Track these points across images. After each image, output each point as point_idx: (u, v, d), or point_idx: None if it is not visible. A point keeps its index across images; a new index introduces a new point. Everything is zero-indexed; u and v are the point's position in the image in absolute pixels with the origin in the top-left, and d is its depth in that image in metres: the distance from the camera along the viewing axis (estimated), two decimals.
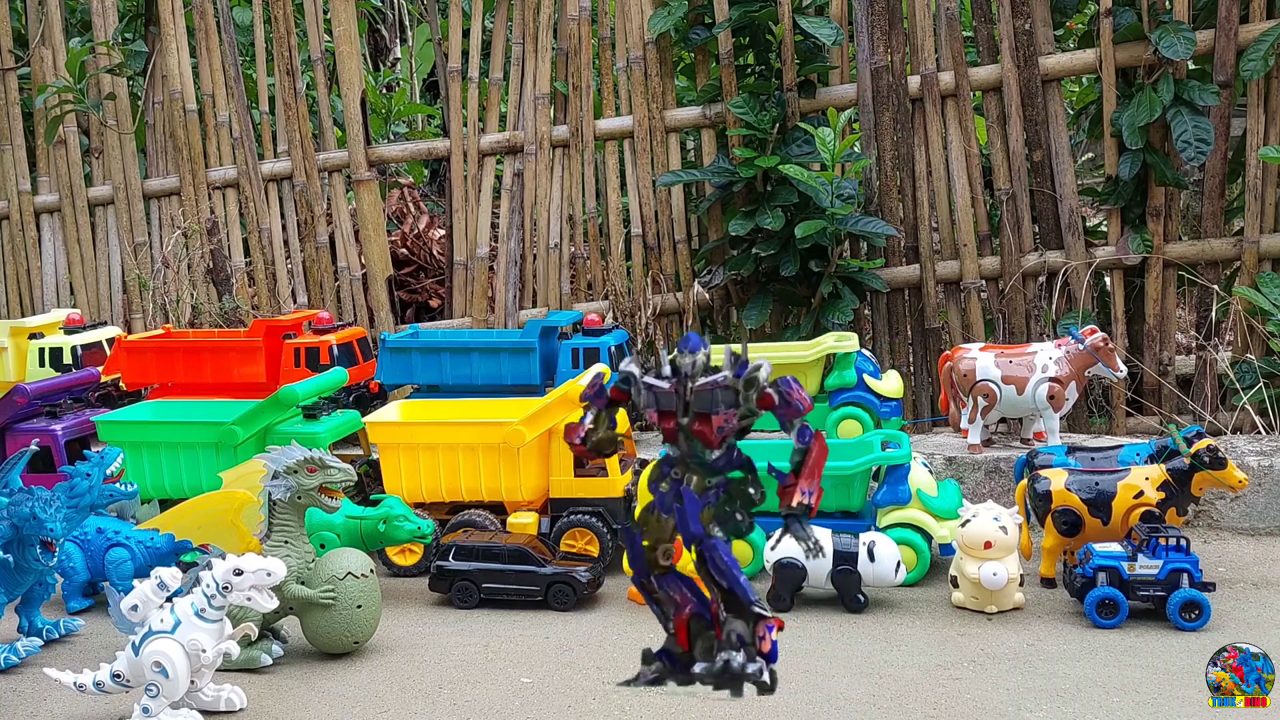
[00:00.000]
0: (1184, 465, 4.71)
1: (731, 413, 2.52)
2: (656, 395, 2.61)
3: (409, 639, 4.59)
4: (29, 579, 4.43)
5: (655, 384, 2.61)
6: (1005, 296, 6.89)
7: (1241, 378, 6.28)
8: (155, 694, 3.74)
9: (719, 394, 2.53)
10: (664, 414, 2.60)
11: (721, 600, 2.61)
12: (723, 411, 2.52)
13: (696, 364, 2.58)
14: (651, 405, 2.62)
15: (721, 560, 2.56)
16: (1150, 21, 6.41)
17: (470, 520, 5.28)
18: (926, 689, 3.95)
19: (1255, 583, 4.91)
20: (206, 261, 8.07)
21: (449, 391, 6.32)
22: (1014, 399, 5.73)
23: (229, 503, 4.72)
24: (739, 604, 2.59)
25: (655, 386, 2.61)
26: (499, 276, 7.78)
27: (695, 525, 2.56)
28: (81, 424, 5.89)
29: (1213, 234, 6.64)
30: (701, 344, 2.61)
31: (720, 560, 2.56)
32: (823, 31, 6.81)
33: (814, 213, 6.61)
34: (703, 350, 2.60)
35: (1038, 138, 6.83)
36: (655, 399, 2.61)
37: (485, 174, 7.86)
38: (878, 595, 4.80)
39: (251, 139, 8.16)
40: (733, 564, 2.58)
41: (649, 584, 2.69)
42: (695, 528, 2.56)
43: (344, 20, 7.97)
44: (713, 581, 2.61)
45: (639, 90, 7.45)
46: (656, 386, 2.61)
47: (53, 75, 8.44)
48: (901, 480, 4.99)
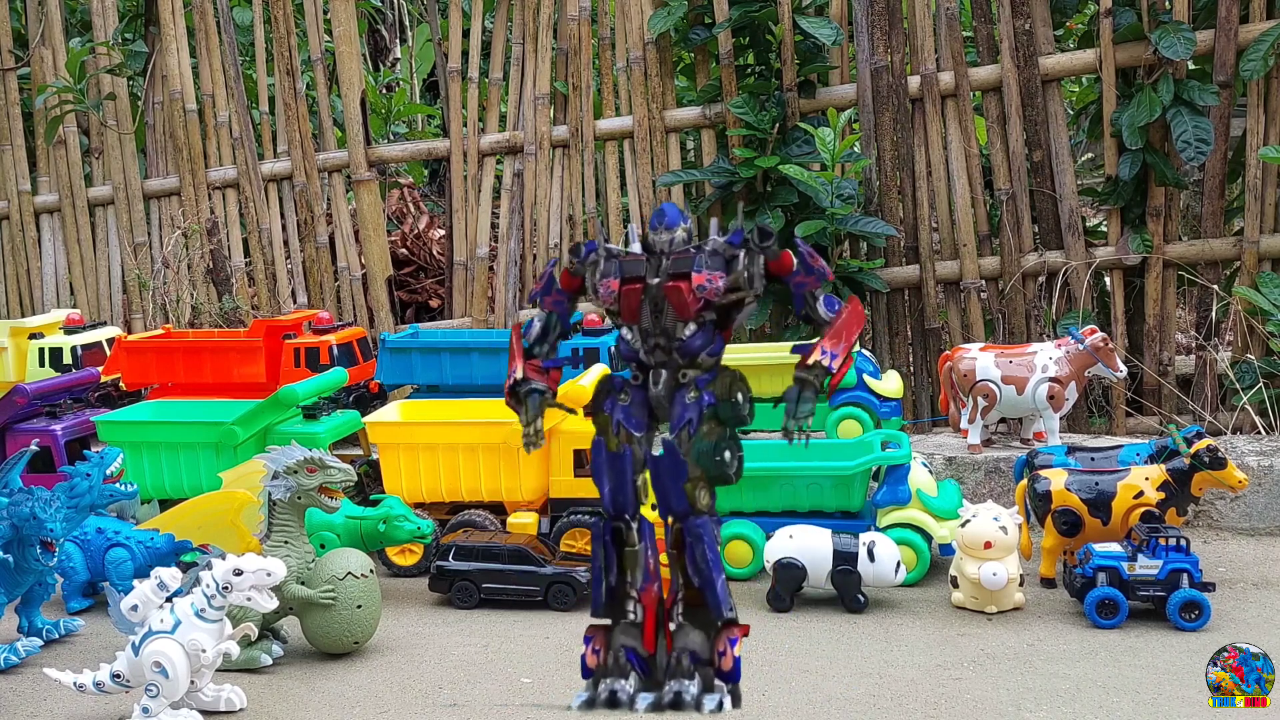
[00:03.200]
0: (1184, 465, 4.71)
1: (717, 274, 2.11)
2: (622, 263, 2.19)
3: (409, 639, 4.58)
4: (29, 579, 4.43)
5: (623, 252, 2.20)
6: (1005, 296, 6.89)
7: (1241, 378, 6.28)
8: (155, 694, 3.74)
9: (703, 257, 2.12)
10: (628, 282, 2.16)
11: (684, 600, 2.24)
12: (705, 270, 2.11)
13: (675, 241, 2.19)
14: (613, 274, 2.18)
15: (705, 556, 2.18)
16: (1150, 21, 6.40)
17: (470, 520, 5.28)
18: (926, 689, 3.95)
19: (1255, 583, 4.91)
20: (206, 261, 8.07)
21: (449, 391, 6.32)
22: (1014, 399, 5.73)
23: (229, 503, 4.72)
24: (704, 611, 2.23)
25: (623, 255, 2.20)
26: (499, 276, 7.78)
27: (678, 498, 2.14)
28: (81, 424, 5.88)
29: (1213, 234, 6.63)
30: (681, 217, 2.21)
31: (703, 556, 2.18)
32: (823, 31, 6.81)
33: (814, 213, 6.61)
34: (682, 225, 2.20)
35: (1038, 138, 6.83)
36: (619, 266, 2.19)
37: (485, 174, 7.86)
38: (878, 595, 4.80)
39: (251, 139, 8.16)
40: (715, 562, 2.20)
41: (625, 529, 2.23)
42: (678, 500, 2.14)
43: (344, 20, 7.97)
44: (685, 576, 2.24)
45: (639, 90, 7.45)
46: (625, 255, 2.20)
47: (53, 75, 8.44)
48: (901, 480, 4.99)
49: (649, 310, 2.10)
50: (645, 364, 2.12)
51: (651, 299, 2.09)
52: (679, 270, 2.07)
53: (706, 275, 2.06)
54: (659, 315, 2.10)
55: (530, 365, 2.40)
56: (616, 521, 2.22)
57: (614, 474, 2.19)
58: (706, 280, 2.05)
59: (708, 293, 2.06)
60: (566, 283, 2.32)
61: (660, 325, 2.10)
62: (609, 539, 2.25)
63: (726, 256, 2.11)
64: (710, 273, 2.05)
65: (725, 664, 2.19)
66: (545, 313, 2.39)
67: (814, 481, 5.08)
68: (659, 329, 2.10)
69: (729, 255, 2.11)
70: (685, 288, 2.06)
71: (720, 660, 2.19)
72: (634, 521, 2.20)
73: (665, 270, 2.10)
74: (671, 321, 2.09)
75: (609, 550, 2.26)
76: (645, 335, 2.12)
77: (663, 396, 2.06)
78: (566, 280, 2.31)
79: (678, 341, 2.08)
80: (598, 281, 2.18)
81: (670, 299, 2.07)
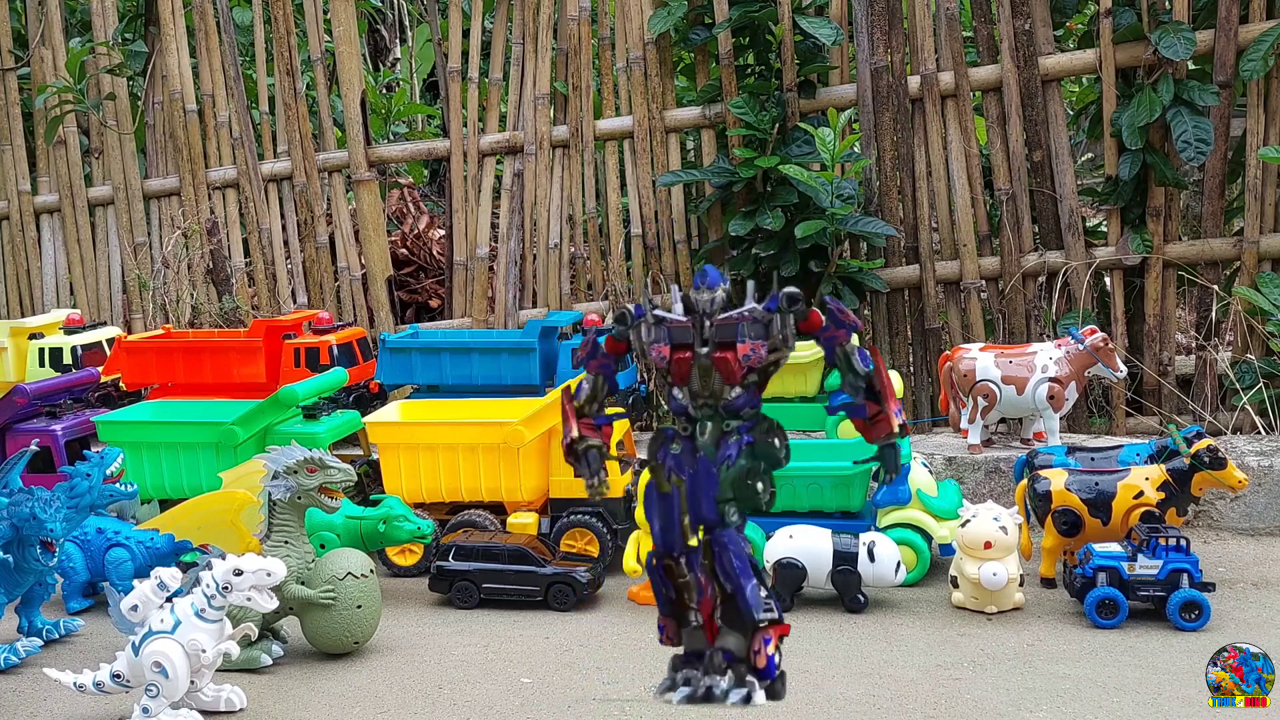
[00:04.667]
0: (1184, 465, 4.71)
1: (759, 343, 2.30)
2: (670, 329, 2.36)
3: (409, 639, 4.59)
4: (29, 579, 4.43)
5: (670, 317, 2.37)
6: (1005, 297, 6.89)
7: (1241, 378, 6.28)
8: (155, 694, 3.74)
9: (745, 326, 2.30)
10: (677, 348, 2.35)
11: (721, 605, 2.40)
12: (749, 340, 2.30)
13: (715, 300, 2.37)
14: (662, 340, 2.36)
15: (731, 563, 2.35)
16: (1150, 21, 6.41)
17: (470, 520, 5.28)
18: (926, 689, 3.95)
19: (1255, 583, 4.91)
20: (206, 262, 8.07)
21: (449, 391, 6.32)
22: (1014, 399, 5.73)
23: (229, 503, 4.72)
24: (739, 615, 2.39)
25: (670, 319, 2.37)
26: (499, 277, 7.78)
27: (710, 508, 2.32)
28: (81, 424, 5.88)
29: (1213, 234, 6.64)
30: (720, 279, 2.39)
31: (730, 563, 2.35)
32: (823, 31, 6.81)
33: (814, 213, 6.60)
34: (721, 286, 2.38)
35: (1038, 138, 6.83)
36: (668, 332, 2.37)
37: (485, 174, 7.86)
38: (878, 595, 4.80)
39: (251, 139, 8.16)
40: (744, 569, 2.36)
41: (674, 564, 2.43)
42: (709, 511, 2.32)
43: (344, 20, 7.97)
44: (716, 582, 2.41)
45: (639, 90, 7.45)
46: (671, 319, 2.37)
47: (53, 75, 8.44)
48: (901, 480, 4.99)
49: (698, 374, 2.32)
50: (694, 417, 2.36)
51: (700, 365, 2.31)
52: (724, 339, 2.28)
53: (750, 346, 2.28)
54: (707, 378, 2.31)
55: (584, 423, 2.59)
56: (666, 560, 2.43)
57: (663, 514, 2.42)
58: (751, 350, 2.27)
59: (752, 361, 2.27)
60: (612, 347, 2.52)
61: (709, 388, 2.32)
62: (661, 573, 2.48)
63: (765, 323, 2.30)
64: (753, 342, 2.27)
65: (759, 662, 2.36)
66: (593, 376, 2.59)
67: (814, 481, 5.08)
68: (707, 391, 2.32)
69: (766, 320, 2.31)
70: (732, 358, 2.28)
71: (755, 658, 2.36)
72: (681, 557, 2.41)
73: (712, 339, 2.31)
74: (719, 385, 2.31)
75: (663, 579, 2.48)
76: (694, 396, 2.34)
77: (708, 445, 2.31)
78: (612, 345, 2.52)
79: (724, 401, 2.30)
80: (648, 346, 2.39)
81: (719, 369, 2.29)
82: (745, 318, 2.33)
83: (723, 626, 2.41)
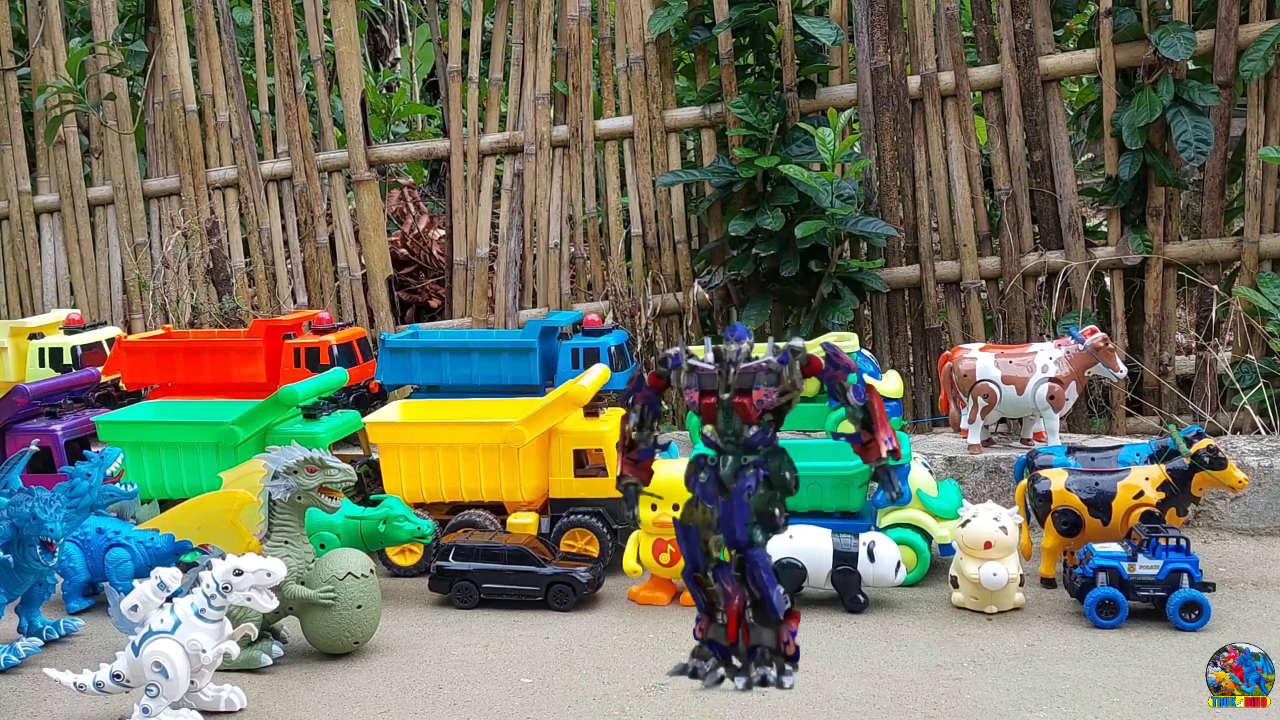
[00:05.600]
0: (1184, 465, 4.71)
1: (771, 390, 2.74)
2: (700, 376, 2.83)
3: (409, 639, 4.59)
4: (29, 579, 4.43)
5: (701, 366, 2.84)
6: (1005, 297, 6.89)
7: (1241, 378, 6.28)
8: (155, 694, 3.74)
9: (760, 375, 2.75)
10: (705, 393, 2.82)
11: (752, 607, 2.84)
12: (763, 387, 2.74)
13: (741, 351, 2.81)
14: (693, 386, 2.83)
15: (761, 576, 2.78)
16: (1150, 21, 6.41)
17: (470, 520, 5.28)
18: (926, 689, 3.95)
19: (1255, 583, 4.91)
20: (206, 262, 8.07)
21: (449, 392, 6.32)
22: (1014, 399, 5.73)
23: (229, 503, 4.72)
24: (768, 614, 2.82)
25: (700, 368, 2.83)
26: (499, 277, 7.78)
27: (742, 532, 2.76)
28: (81, 424, 5.88)
29: (1213, 234, 6.64)
30: (746, 334, 2.85)
31: (760, 576, 2.78)
32: (823, 31, 6.81)
33: (814, 213, 6.61)
34: (747, 340, 2.84)
35: (1038, 138, 6.83)
36: (699, 380, 2.83)
37: (485, 174, 7.86)
38: (878, 595, 4.80)
39: (251, 139, 8.16)
40: (770, 579, 2.79)
41: (703, 577, 2.87)
42: (741, 534, 2.77)
43: (344, 20, 7.97)
44: (746, 589, 2.83)
45: (639, 90, 7.45)
46: (701, 368, 2.83)
47: (53, 75, 8.44)
48: (901, 480, 4.98)
49: (722, 415, 2.78)
50: (720, 450, 2.81)
51: (724, 407, 2.77)
52: (743, 385, 2.74)
53: (764, 392, 2.72)
54: (729, 419, 2.76)
55: (628, 460, 3.02)
56: (696, 574, 2.87)
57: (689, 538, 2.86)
58: (764, 396, 2.72)
59: (765, 404, 2.72)
60: (654, 383, 2.95)
61: (731, 427, 2.76)
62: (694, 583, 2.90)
63: (777, 372, 2.74)
64: (766, 389, 2.72)
65: (790, 650, 2.84)
66: (639, 405, 2.99)
67: (814, 481, 5.08)
68: (730, 429, 2.77)
69: (777, 370, 2.74)
70: (748, 402, 2.73)
71: (785, 648, 2.84)
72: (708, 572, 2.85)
73: (733, 385, 2.75)
74: (739, 424, 2.76)
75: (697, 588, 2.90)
76: (720, 433, 2.80)
77: (729, 476, 2.77)
78: (654, 380, 2.94)
79: (743, 438, 2.76)
80: (683, 389, 2.84)
81: (737, 411, 2.74)
82: (761, 368, 2.75)
83: (755, 625, 2.84)
